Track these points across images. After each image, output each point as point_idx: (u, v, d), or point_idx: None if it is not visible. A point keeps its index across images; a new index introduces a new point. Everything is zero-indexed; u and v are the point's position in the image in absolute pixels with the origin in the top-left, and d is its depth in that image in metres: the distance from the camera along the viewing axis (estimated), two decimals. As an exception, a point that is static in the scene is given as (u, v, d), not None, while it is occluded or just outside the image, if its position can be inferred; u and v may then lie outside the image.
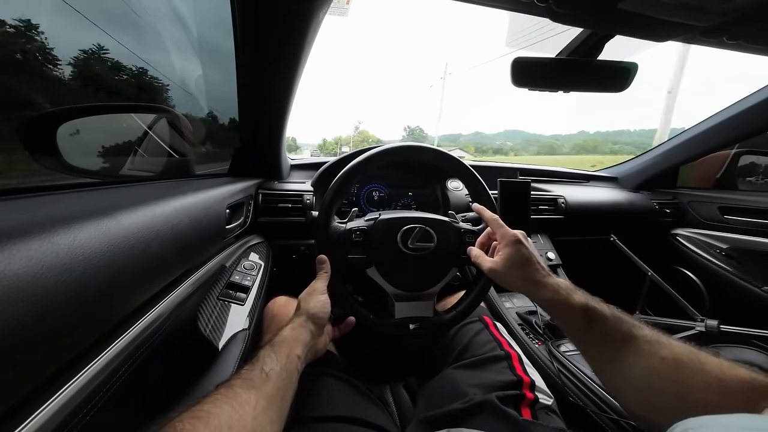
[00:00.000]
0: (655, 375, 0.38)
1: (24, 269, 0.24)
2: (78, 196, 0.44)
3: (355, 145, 75.84)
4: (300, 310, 0.53)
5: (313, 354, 0.52)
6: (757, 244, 1.15)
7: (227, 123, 0.99)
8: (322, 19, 0.59)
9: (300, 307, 0.53)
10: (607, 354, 0.42)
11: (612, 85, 0.68)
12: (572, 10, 0.48)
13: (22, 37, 0.52)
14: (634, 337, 0.40)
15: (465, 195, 1.15)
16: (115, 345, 0.36)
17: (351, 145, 77.59)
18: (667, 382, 0.37)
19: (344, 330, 0.64)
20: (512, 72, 0.65)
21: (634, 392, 0.40)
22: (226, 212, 0.68)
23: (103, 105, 0.70)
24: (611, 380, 0.43)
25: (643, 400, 0.39)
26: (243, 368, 0.39)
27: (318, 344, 0.54)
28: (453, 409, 0.52)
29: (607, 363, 0.42)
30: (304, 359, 0.47)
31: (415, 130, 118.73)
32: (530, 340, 0.91)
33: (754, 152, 1.38)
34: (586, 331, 0.44)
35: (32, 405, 0.27)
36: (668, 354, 0.38)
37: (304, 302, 0.54)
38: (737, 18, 0.45)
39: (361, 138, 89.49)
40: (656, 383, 0.37)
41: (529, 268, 0.50)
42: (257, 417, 0.33)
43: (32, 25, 0.51)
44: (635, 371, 0.39)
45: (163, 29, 0.92)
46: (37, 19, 0.52)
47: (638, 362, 0.39)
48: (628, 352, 0.40)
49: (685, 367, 0.36)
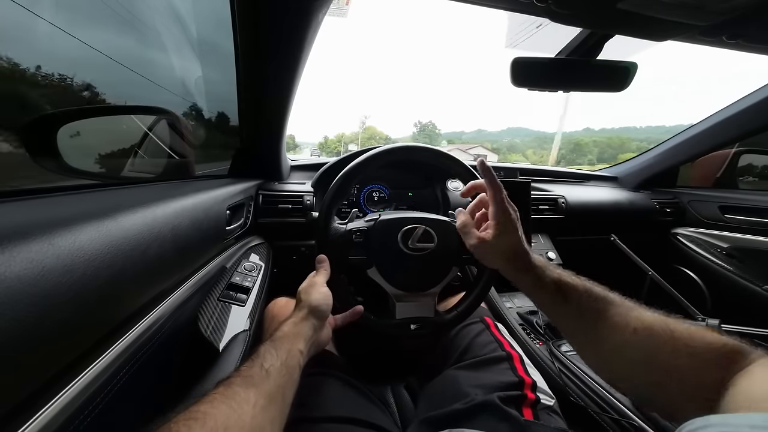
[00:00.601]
0: (628, 347, 0.39)
1: (25, 271, 0.24)
2: (78, 198, 0.44)
3: (362, 142, 69.23)
4: (301, 304, 0.51)
5: (315, 348, 0.50)
6: (758, 243, 1.15)
7: (227, 123, 0.99)
8: (322, 19, 0.59)
9: (301, 300, 0.52)
10: (583, 330, 0.43)
11: (612, 84, 0.68)
12: (571, 10, 0.48)
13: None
14: (606, 311, 0.42)
15: None
16: (116, 347, 0.36)
17: (358, 142, 70.61)
18: (640, 353, 0.38)
19: (348, 318, 0.61)
20: (512, 72, 0.65)
21: (613, 366, 0.41)
22: (226, 213, 0.68)
23: (103, 106, 0.70)
24: (590, 356, 0.44)
25: (622, 373, 0.40)
26: (243, 365, 0.38)
27: (321, 337, 0.52)
28: (454, 409, 0.51)
29: (584, 338, 0.44)
30: (306, 354, 0.46)
31: (427, 126, 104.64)
32: (531, 340, 0.90)
33: (754, 151, 1.39)
34: (561, 306, 0.45)
35: (33, 407, 0.27)
36: (639, 325, 0.39)
37: (305, 294, 0.52)
38: (736, 17, 0.45)
39: (368, 135, 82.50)
40: (631, 355, 0.39)
41: (517, 237, 0.50)
42: (256, 416, 0.32)
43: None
44: (610, 345, 0.40)
45: (163, 30, 0.92)
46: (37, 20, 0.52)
47: (612, 337, 0.40)
48: (603, 327, 0.41)
49: (656, 336, 0.37)
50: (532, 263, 0.49)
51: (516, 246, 0.50)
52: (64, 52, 0.60)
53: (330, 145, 74.84)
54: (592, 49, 0.62)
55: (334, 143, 74.88)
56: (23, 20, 0.51)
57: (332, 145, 73.57)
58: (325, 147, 72.25)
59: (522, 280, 0.49)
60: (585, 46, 0.62)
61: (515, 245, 0.50)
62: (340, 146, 68.04)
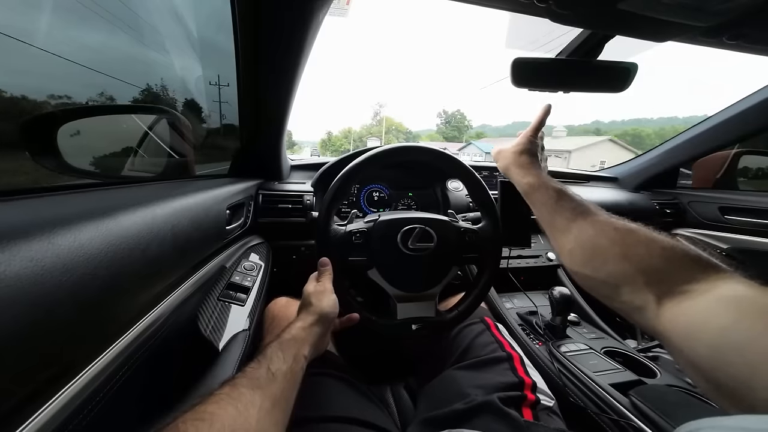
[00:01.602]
0: (604, 238, 0.43)
1: (25, 270, 0.24)
2: (78, 197, 0.44)
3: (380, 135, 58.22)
4: (311, 308, 0.51)
5: (316, 353, 0.51)
6: (758, 244, 1.15)
7: (228, 123, 0.99)
8: (323, 19, 0.59)
9: (312, 305, 0.52)
10: (565, 223, 0.49)
11: (612, 85, 0.68)
12: (572, 10, 0.48)
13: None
14: (594, 213, 0.47)
15: (465, 195, 1.15)
16: (116, 346, 0.36)
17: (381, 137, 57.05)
18: (614, 243, 0.41)
19: (345, 324, 0.62)
20: (512, 72, 0.65)
21: (581, 252, 0.45)
22: (226, 213, 0.68)
23: (104, 105, 0.70)
24: (563, 243, 0.49)
25: (588, 257, 0.44)
26: (249, 366, 0.38)
27: (322, 343, 0.53)
28: (454, 409, 0.51)
29: (563, 231, 0.49)
30: (309, 359, 0.46)
31: (454, 116, 78.31)
32: (531, 340, 0.90)
33: (754, 152, 1.39)
34: (554, 203, 0.51)
35: (33, 406, 0.27)
36: (621, 226, 0.42)
37: (317, 300, 0.52)
38: (737, 18, 0.45)
39: (385, 127, 66.12)
40: (603, 243, 0.42)
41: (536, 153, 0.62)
42: (261, 419, 0.32)
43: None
44: (586, 235, 0.45)
45: (164, 31, 0.92)
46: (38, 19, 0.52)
47: (592, 228, 0.45)
48: (585, 221, 0.46)
49: (635, 235, 0.40)
50: (542, 168, 0.61)
51: (533, 156, 0.62)
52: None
53: (335, 142, 59.80)
54: (593, 49, 0.62)
55: (339, 140, 60.24)
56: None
57: (337, 142, 59.44)
58: (328, 145, 58.47)
59: (531, 173, 0.58)
60: (585, 46, 0.62)
61: (533, 156, 0.62)
62: (346, 143, 57.16)
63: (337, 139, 61.73)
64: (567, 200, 0.51)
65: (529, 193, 0.57)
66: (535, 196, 0.56)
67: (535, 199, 0.56)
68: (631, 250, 0.39)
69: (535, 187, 0.56)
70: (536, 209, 0.56)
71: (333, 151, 49.67)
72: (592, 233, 0.44)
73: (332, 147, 57.68)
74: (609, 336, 0.94)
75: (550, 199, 0.52)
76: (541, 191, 0.55)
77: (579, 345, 0.87)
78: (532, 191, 0.56)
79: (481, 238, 0.67)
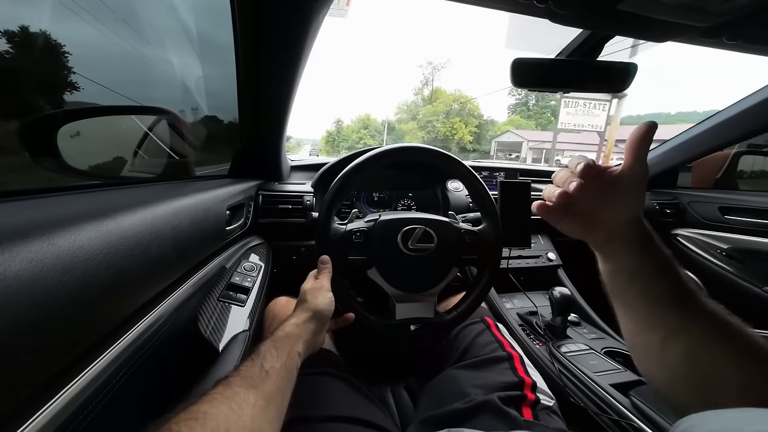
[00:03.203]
0: (721, 338, 0.34)
1: (24, 271, 0.24)
2: (78, 198, 0.44)
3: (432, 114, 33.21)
4: (306, 305, 0.51)
5: (311, 350, 0.51)
6: (758, 244, 1.15)
7: (228, 124, 0.99)
8: (322, 20, 0.60)
9: (306, 301, 0.52)
10: (675, 300, 0.37)
11: (612, 85, 0.68)
12: (571, 11, 0.48)
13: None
14: (703, 297, 0.37)
15: (465, 196, 1.15)
16: (116, 346, 0.36)
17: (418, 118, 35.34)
18: (730, 351, 0.33)
19: (340, 324, 0.63)
20: (512, 72, 0.65)
21: (691, 350, 0.34)
22: (226, 213, 0.68)
23: (104, 107, 0.70)
24: (664, 332, 0.37)
25: (698, 363, 0.34)
26: (243, 364, 0.38)
27: (317, 340, 0.53)
28: (454, 409, 0.51)
29: (670, 311, 0.37)
30: (303, 356, 0.46)
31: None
32: (531, 340, 0.90)
33: (754, 152, 1.39)
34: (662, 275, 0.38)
35: (32, 407, 0.27)
36: (736, 324, 0.34)
37: (312, 297, 0.52)
38: (737, 18, 0.45)
39: (443, 105, 34.67)
40: (719, 348, 0.33)
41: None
42: (256, 417, 0.32)
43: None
44: (701, 328, 0.35)
45: (164, 32, 0.92)
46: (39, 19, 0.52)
47: (708, 321, 0.35)
48: (697, 305, 0.36)
49: (758, 348, 0.32)
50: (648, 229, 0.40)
51: (641, 192, 0.40)
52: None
53: (346, 133, 37.15)
54: (593, 49, 0.62)
55: (352, 131, 36.74)
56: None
57: (353, 135, 36.26)
58: (337, 139, 37.01)
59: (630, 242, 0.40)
60: (585, 46, 0.62)
61: (641, 191, 0.40)
62: (367, 136, 35.76)
63: (349, 131, 37.07)
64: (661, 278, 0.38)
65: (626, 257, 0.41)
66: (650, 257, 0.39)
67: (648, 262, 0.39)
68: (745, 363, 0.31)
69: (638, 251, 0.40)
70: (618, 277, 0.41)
71: (347, 148, 32.30)
72: (708, 326, 0.35)
73: (343, 140, 36.64)
74: (609, 336, 0.94)
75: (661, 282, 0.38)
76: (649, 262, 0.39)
77: (579, 345, 0.87)
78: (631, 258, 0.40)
79: (481, 240, 0.67)
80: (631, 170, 0.39)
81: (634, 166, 0.39)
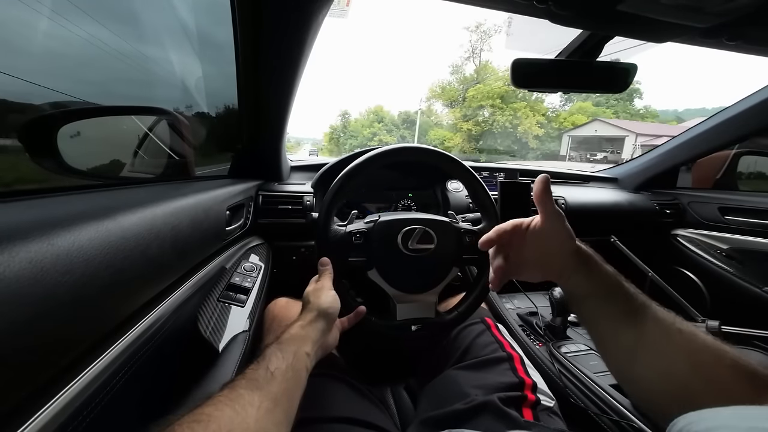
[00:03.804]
0: (671, 344, 0.37)
1: (24, 271, 0.24)
2: (78, 198, 0.44)
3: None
4: (310, 306, 0.51)
5: (323, 351, 0.50)
6: (758, 244, 1.15)
7: (228, 124, 0.99)
8: (322, 21, 0.60)
9: (310, 303, 0.52)
10: (627, 317, 0.40)
11: (611, 85, 0.68)
12: (571, 11, 0.48)
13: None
14: (650, 307, 0.40)
15: (465, 196, 1.15)
16: (116, 347, 0.36)
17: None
18: (682, 352, 0.36)
19: (353, 321, 0.62)
20: (512, 73, 0.65)
21: (649, 360, 0.38)
22: (226, 214, 0.68)
23: (103, 107, 0.70)
24: (622, 347, 0.40)
25: (658, 368, 0.37)
26: (248, 368, 0.37)
27: (328, 340, 0.52)
28: (454, 409, 0.51)
29: (625, 326, 0.40)
30: (314, 357, 0.46)
31: None
32: (531, 341, 0.90)
33: (754, 153, 1.39)
34: (611, 296, 0.42)
35: (32, 407, 0.27)
36: (684, 327, 0.37)
37: (315, 297, 0.52)
38: (736, 19, 0.45)
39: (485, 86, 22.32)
40: (672, 352, 0.37)
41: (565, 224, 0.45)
42: (261, 419, 0.32)
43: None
44: (652, 337, 0.38)
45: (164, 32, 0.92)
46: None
47: (656, 329, 0.38)
48: (645, 316, 0.39)
49: (702, 341, 0.36)
50: (582, 250, 0.45)
51: (567, 231, 0.44)
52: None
53: (354, 128, 30.11)
54: (592, 50, 0.62)
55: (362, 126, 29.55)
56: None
57: (361, 129, 29.43)
58: (343, 136, 30.61)
59: (570, 270, 0.44)
60: (585, 47, 0.62)
61: (567, 230, 0.44)
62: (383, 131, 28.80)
63: (359, 126, 29.56)
64: (623, 292, 0.42)
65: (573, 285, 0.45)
66: (591, 281, 0.44)
67: (589, 285, 0.44)
68: (699, 359, 0.35)
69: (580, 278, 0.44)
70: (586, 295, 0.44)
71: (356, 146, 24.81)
72: (657, 337, 0.38)
73: (350, 135, 29.72)
74: (609, 336, 0.94)
75: (603, 295, 0.43)
76: (597, 276, 0.43)
77: (579, 346, 0.87)
78: (576, 283, 0.45)
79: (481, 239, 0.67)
80: (547, 219, 0.45)
81: (548, 217, 0.44)
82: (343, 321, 0.60)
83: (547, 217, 0.44)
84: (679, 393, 0.35)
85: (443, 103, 27.48)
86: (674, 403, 0.35)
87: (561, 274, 0.46)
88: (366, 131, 29.21)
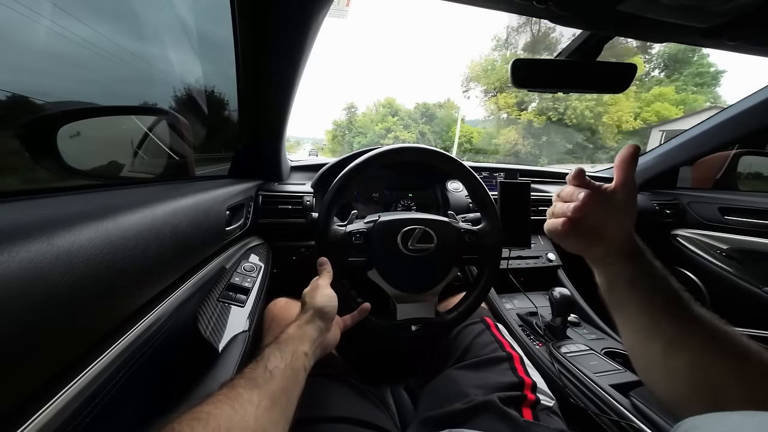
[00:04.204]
0: (716, 342, 0.36)
1: (24, 271, 0.24)
2: (78, 198, 0.44)
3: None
4: (306, 306, 0.51)
5: (323, 350, 0.51)
6: (758, 244, 1.15)
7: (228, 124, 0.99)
8: (322, 21, 0.60)
9: (306, 303, 0.52)
10: (671, 308, 0.39)
11: (611, 85, 0.68)
12: (572, 11, 0.48)
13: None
14: (694, 303, 0.39)
15: (465, 196, 1.15)
16: (115, 347, 0.36)
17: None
18: (726, 352, 0.35)
19: (356, 319, 0.62)
20: (512, 73, 0.65)
21: (690, 355, 0.36)
22: (226, 214, 0.68)
23: (103, 107, 0.70)
24: (665, 337, 0.38)
25: (698, 366, 0.36)
26: (247, 367, 0.38)
27: (328, 339, 0.52)
28: (454, 409, 0.51)
29: (668, 318, 0.39)
30: (312, 356, 0.46)
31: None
32: (531, 341, 0.90)
33: (754, 153, 1.39)
34: (659, 283, 0.40)
35: (32, 407, 0.27)
36: (730, 329, 0.36)
37: (310, 297, 0.52)
38: (737, 19, 0.45)
39: None
40: (715, 348, 0.35)
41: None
42: (259, 417, 0.32)
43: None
44: (696, 332, 0.37)
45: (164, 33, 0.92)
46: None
47: (701, 324, 0.37)
48: (692, 311, 0.38)
49: (746, 347, 0.35)
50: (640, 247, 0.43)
51: (634, 207, 0.43)
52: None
53: (362, 123, 24.62)
54: (592, 50, 0.62)
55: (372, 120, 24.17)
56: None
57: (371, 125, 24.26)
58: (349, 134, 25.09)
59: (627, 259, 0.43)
60: (585, 47, 0.62)
61: (634, 206, 0.43)
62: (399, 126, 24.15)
63: (368, 121, 25.34)
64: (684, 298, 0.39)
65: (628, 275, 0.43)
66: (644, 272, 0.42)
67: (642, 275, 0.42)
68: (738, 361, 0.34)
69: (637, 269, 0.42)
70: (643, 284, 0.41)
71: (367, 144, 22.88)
72: (702, 330, 0.37)
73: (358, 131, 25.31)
74: (609, 337, 0.94)
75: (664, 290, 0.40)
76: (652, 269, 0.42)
77: (579, 346, 0.87)
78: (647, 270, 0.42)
79: (480, 239, 0.67)
80: (623, 188, 0.42)
81: (625, 184, 0.41)
82: (345, 319, 0.61)
83: (623, 183, 0.41)
84: (709, 393, 0.34)
85: (485, 89, 20.61)
86: (703, 402, 0.34)
87: (606, 252, 0.43)
88: (377, 127, 24.58)
